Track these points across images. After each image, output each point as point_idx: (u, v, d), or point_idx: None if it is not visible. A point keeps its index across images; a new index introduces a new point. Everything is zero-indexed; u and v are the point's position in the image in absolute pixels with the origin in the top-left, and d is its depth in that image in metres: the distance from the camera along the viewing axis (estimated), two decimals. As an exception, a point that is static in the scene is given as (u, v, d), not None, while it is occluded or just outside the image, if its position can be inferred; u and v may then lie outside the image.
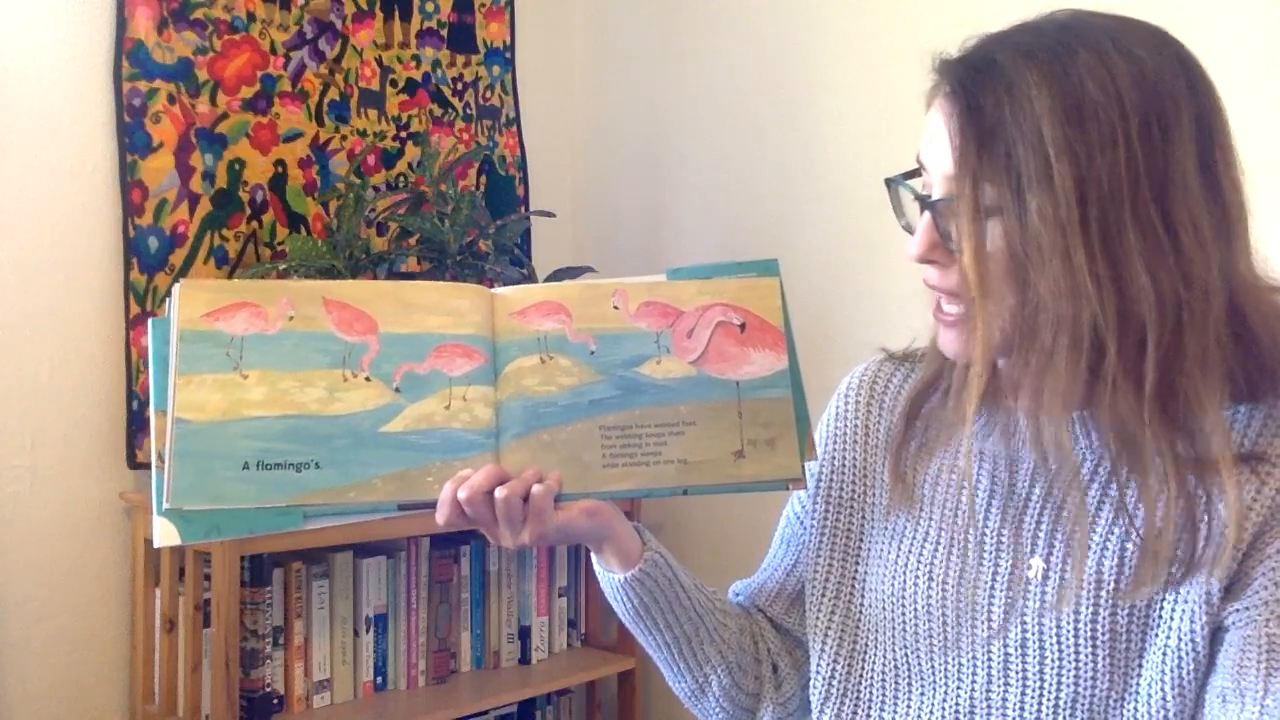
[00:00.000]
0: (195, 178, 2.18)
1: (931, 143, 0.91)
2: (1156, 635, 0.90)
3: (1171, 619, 0.90)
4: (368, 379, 0.98)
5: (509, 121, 2.69)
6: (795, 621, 1.15)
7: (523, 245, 2.59)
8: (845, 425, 1.12)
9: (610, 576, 1.08)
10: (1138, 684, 0.91)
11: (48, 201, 2.05)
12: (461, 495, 0.95)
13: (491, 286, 2.53)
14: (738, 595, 1.21)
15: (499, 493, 0.95)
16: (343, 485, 0.96)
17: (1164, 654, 0.90)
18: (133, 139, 2.11)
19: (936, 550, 1.01)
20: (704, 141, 2.58)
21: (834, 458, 1.11)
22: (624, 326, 1.03)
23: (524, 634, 2.39)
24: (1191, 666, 0.89)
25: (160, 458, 0.95)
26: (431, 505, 0.97)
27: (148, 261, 2.12)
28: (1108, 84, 0.84)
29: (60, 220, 2.06)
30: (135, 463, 2.10)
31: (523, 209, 2.68)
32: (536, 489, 0.96)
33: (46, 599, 2.03)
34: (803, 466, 1.01)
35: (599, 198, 2.80)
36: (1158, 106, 0.85)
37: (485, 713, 2.28)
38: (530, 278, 2.34)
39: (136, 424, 2.10)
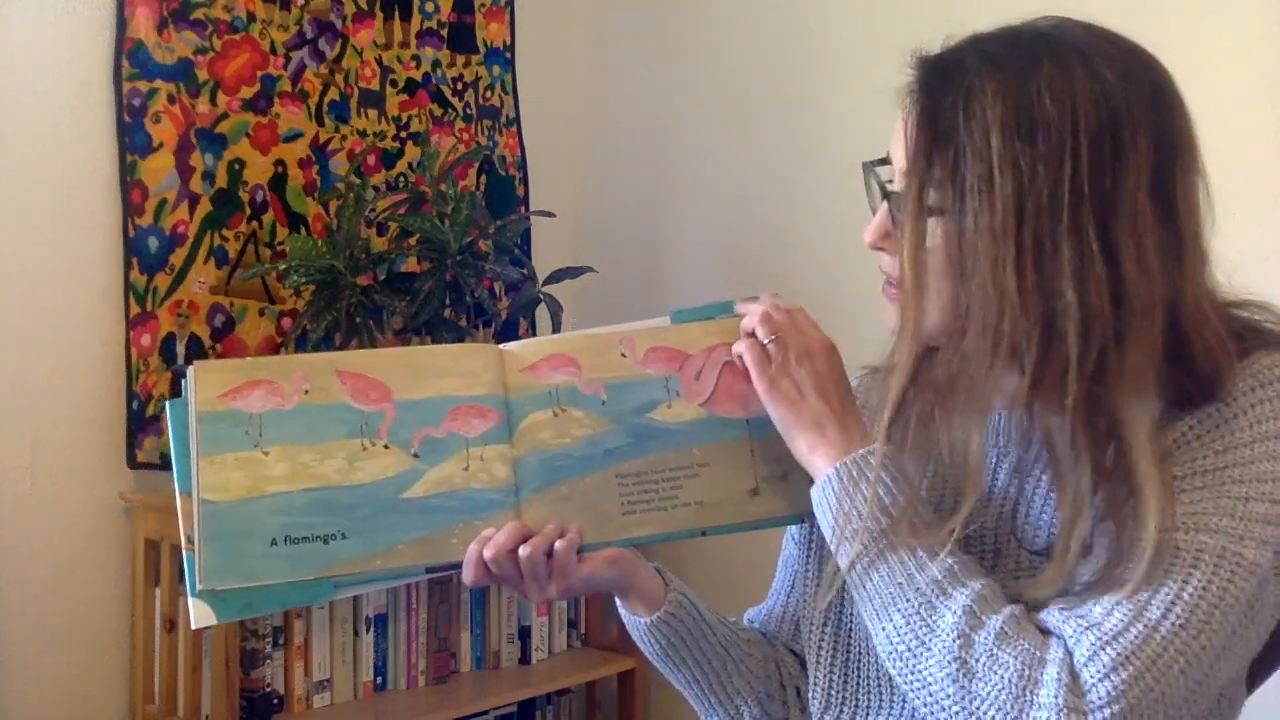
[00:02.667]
0: (195, 178, 2.18)
1: (899, 138, 0.94)
2: None
3: None
4: (386, 446, 1.00)
5: (509, 121, 2.69)
6: (802, 644, 1.15)
7: (523, 245, 2.58)
8: None
9: (636, 620, 1.09)
10: None
11: (48, 201, 2.05)
12: (487, 555, 0.97)
13: (490, 287, 2.51)
14: (751, 623, 1.21)
15: (522, 551, 0.96)
16: (370, 554, 0.97)
17: None
18: (133, 139, 2.11)
19: None
20: (704, 141, 2.58)
21: None
22: (633, 374, 1.05)
23: (524, 634, 2.39)
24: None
25: (189, 540, 0.96)
26: (458, 567, 0.99)
27: (148, 261, 2.12)
28: (1065, 100, 0.85)
29: (60, 220, 2.06)
30: (135, 463, 2.10)
31: (523, 209, 2.68)
32: (559, 544, 0.97)
33: (46, 599, 2.03)
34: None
35: (599, 198, 2.80)
36: (1113, 127, 0.85)
37: (485, 713, 2.28)
38: (530, 278, 2.34)
39: (136, 424, 2.10)
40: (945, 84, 0.89)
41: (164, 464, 2.12)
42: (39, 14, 2.04)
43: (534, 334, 2.67)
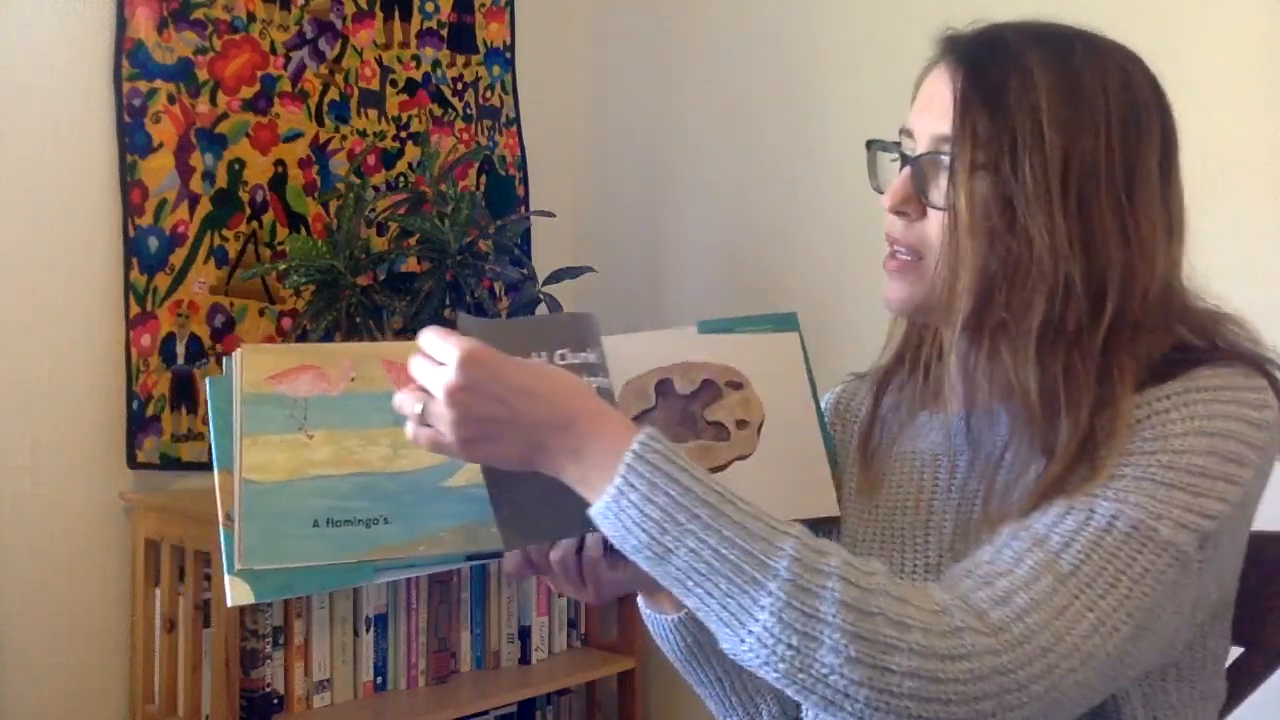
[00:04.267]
0: (195, 178, 2.18)
1: (928, 107, 0.98)
2: None
3: None
4: None
5: (509, 121, 2.69)
6: None
7: (523, 245, 2.58)
8: None
9: (661, 618, 1.09)
10: None
11: (48, 201, 2.05)
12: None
13: (490, 287, 2.50)
14: None
15: (553, 554, 0.98)
16: (412, 540, 0.97)
17: None
18: (133, 139, 2.11)
19: (883, 547, 1.05)
20: (704, 141, 2.58)
21: None
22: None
23: (524, 634, 2.39)
24: None
25: (229, 517, 0.96)
26: (498, 555, 0.99)
27: (148, 261, 2.12)
28: (1099, 79, 0.93)
29: (60, 220, 2.06)
30: (135, 463, 2.10)
31: (523, 209, 2.68)
32: (590, 541, 0.98)
33: (46, 599, 2.03)
34: (838, 504, 1.06)
35: (599, 198, 2.80)
36: (1135, 112, 0.94)
37: (485, 713, 2.28)
38: (530, 278, 2.34)
39: (136, 424, 2.10)
40: (991, 52, 0.95)
41: (164, 464, 2.12)
42: (39, 14, 2.04)
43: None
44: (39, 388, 2.03)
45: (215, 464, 0.98)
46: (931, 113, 0.96)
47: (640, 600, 1.11)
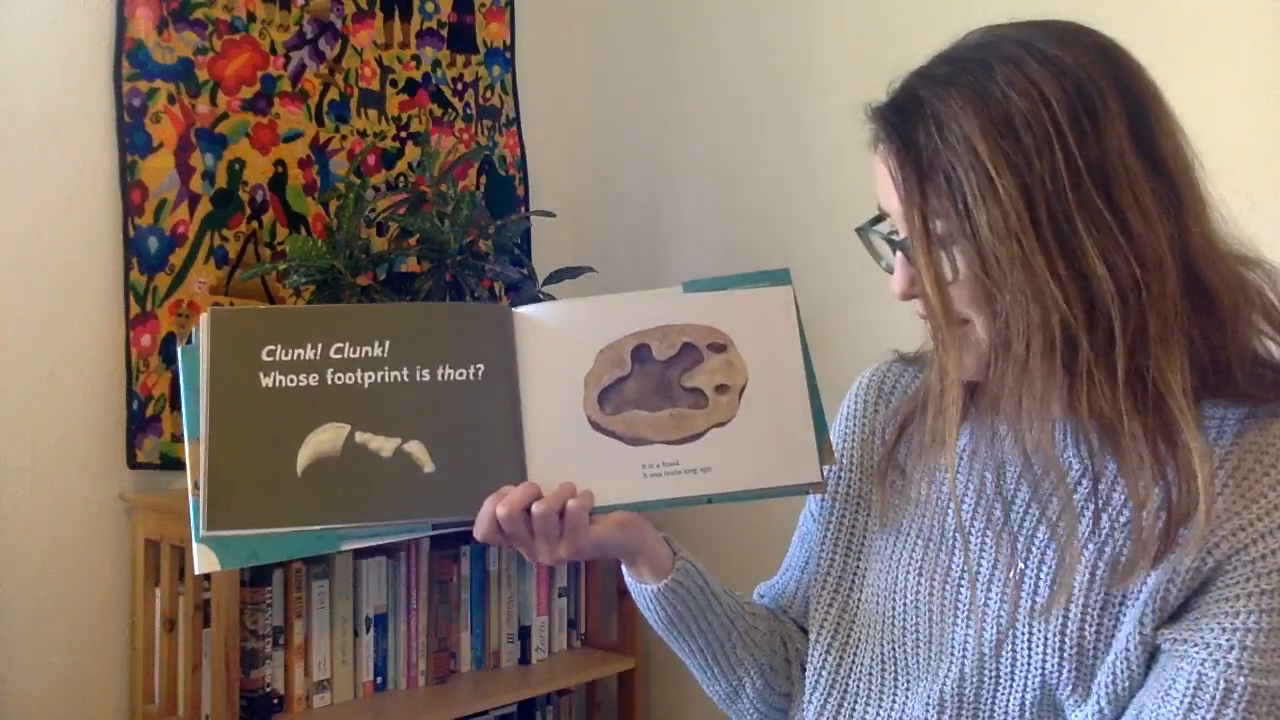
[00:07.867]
0: (195, 178, 2.18)
1: (884, 186, 0.95)
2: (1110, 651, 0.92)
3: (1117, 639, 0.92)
4: None
5: (509, 121, 2.69)
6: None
7: (523, 245, 2.58)
8: (854, 424, 1.14)
9: (643, 588, 1.10)
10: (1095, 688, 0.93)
11: (48, 201, 2.04)
12: (500, 512, 0.96)
13: (490, 287, 2.49)
14: (762, 598, 1.23)
15: (536, 508, 0.97)
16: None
17: (1110, 669, 0.92)
18: (133, 139, 2.11)
19: (928, 547, 1.03)
20: (704, 141, 2.58)
21: (843, 456, 1.14)
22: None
23: (524, 634, 2.39)
24: (1126, 684, 0.91)
25: (196, 485, 0.96)
26: (467, 524, 0.98)
27: (148, 261, 2.12)
28: (1030, 91, 0.87)
29: (60, 220, 2.06)
30: (135, 463, 2.10)
31: (523, 209, 2.68)
32: (571, 503, 0.97)
33: (46, 599, 2.03)
34: (821, 470, 1.03)
35: (599, 198, 2.80)
36: (1083, 100, 0.87)
37: (485, 713, 2.28)
38: (530, 278, 2.34)
39: (136, 424, 2.10)
40: (908, 119, 0.91)
41: (164, 464, 2.12)
42: (39, 14, 2.04)
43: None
44: (39, 388, 2.03)
45: (186, 434, 0.98)
46: (888, 192, 0.94)
47: (624, 569, 1.12)
